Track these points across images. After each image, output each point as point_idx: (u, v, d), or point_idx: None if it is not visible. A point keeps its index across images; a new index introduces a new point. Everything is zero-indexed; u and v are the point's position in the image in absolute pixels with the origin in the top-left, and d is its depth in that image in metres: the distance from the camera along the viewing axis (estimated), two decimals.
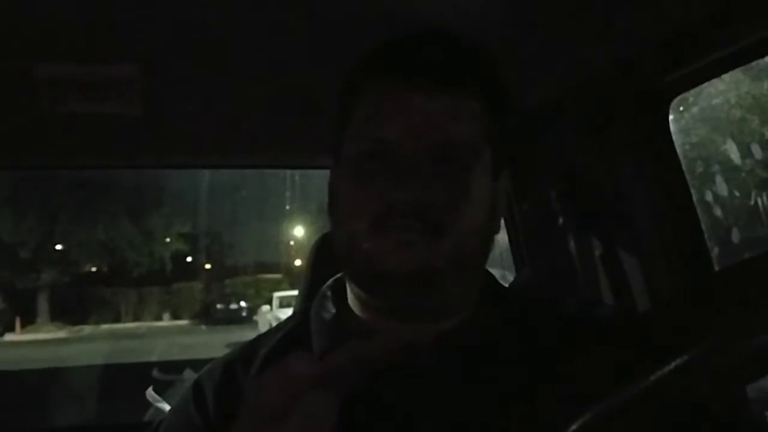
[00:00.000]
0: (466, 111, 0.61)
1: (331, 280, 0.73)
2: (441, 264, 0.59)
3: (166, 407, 2.30)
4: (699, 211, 1.11)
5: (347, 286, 0.68)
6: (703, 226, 1.11)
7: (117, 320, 18.79)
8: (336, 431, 0.45)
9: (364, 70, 0.65)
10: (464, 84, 0.62)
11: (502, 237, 1.65)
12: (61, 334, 16.48)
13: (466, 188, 0.60)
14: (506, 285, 0.78)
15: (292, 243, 20.47)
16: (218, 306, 19.11)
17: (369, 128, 0.62)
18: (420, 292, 0.60)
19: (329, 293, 0.71)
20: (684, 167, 1.12)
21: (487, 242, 0.65)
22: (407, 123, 0.60)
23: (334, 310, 0.68)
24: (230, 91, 1.14)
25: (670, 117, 1.12)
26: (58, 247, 18.68)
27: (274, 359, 0.67)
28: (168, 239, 20.05)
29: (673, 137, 1.12)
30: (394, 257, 0.58)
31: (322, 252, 1.19)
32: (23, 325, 16.88)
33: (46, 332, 16.55)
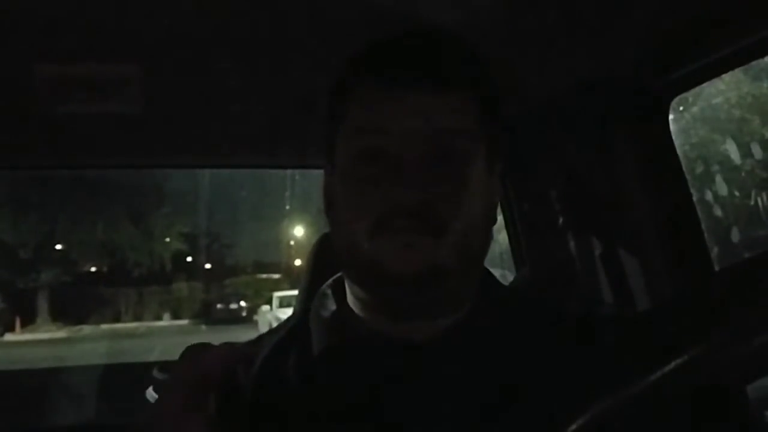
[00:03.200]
0: (459, 107, 0.61)
1: (330, 280, 0.73)
2: (446, 262, 0.59)
3: None
4: (699, 211, 1.12)
5: (346, 285, 0.68)
6: (703, 226, 1.11)
7: (117, 320, 18.77)
8: None
9: (354, 72, 0.64)
10: (455, 80, 0.62)
11: (502, 237, 1.66)
12: (61, 333, 16.47)
13: (465, 184, 0.60)
14: (506, 285, 0.78)
15: (292, 243, 20.45)
16: (218, 306, 19.09)
17: (364, 129, 0.61)
18: (426, 291, 0.59)
19: (329, 292, 0.71)
20: (684, 167, 1.12)
21: (488, 236, 0.66)
22: (403, 122, 0.60)
23: (333, 309, 0.68)
24: (230, 91, 1.13)
25: (670, 117, 1.12)
26: (58, 247, 18.66)
27: (275, 359, 0.67)
28: (168, 239, 20.03)
29: (673, 137, 1.12)
30: (399, 259, 0.58)
31: (322, 252, 1.19)
32: (23, 325, 16.87)
33: (46, 332, 16.54)
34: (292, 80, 1.09)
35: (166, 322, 19.09)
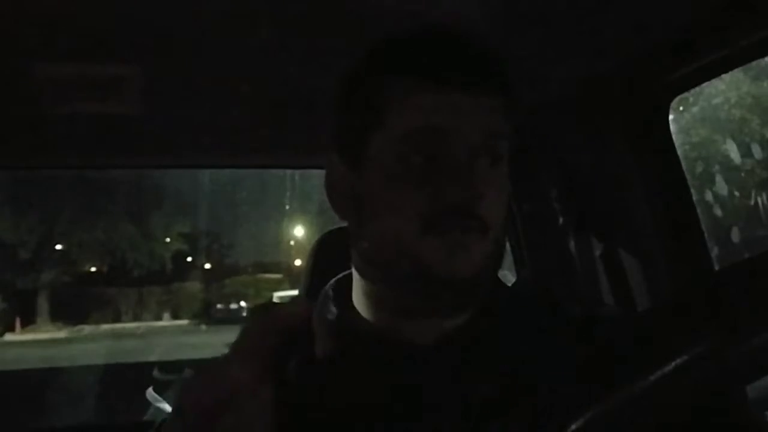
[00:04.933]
0: (500, 108, 0.62)
1: (332, 281, 0.73)
2: (488, 261, 0.60)
3: (166, 407, 2.30)
4: (699, 211, 1.12)
5: (356, 286, 0.68)
6: (703, 226, 1.11)
7: (117, 320, 18.77)
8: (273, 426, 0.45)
9: (393, 70, 0.63)
10: (498, 82, 0.63)
11: None
12: (61, 334, 16.46)
13: (503, 185, 0.62)
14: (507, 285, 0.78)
15: (292, 243, 20.44)
16: (218, 306, 19.09)
17: (414, 129, 0.60)
18: (471, 292, 0.60)
19: (331, 294, 0.71)
20: (684, 167, 1.13)
21: (506, 235, 0.67)
22: (456, 122, 0.60)
23: (337, 311, 0.68)
24: (230, 91, 1.13)
25: (670, 117, 1.12)
26: (58, 247, 18.66)
27: (275, 361, 0.67)
28: (168, 239, 20.03)
29: (673, 137, 1.12)
30: (451, 261, 0.58)
31: (322, 252, 1.19)
32: (23, 325, 16.86)
33: (46, 332, 16.53)
34: (293, 80, 1.09)
35: (166, 322, 19.09)
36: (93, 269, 20.05)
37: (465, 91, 0.60)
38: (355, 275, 0.68)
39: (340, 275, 0.72)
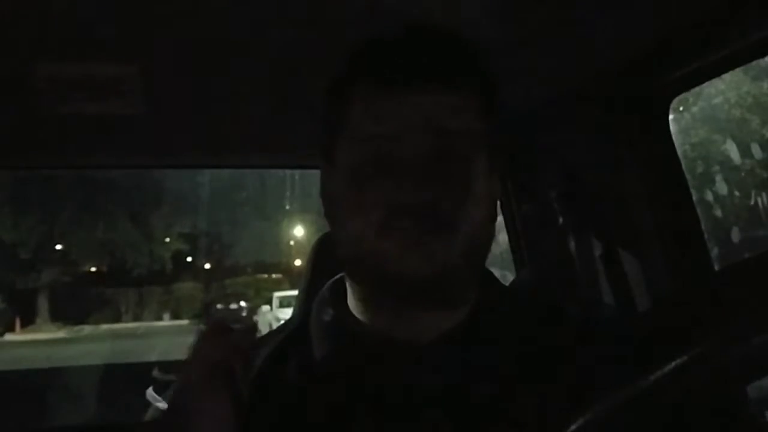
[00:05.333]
0: (461, 106, 0.61)
1: (329, 282, 0.73)
2: (454, 260, 0.59)
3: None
4: (699, 211, 1.12)
5: (348, 287, 0.68)
6: (703, 226, 1.11)
7: (117, 320, 18.77)
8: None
9: (353, 72, 0.64)
10: (456, 80, 0.62)
11: (502, 237, 1.66)
12: (61, 334, 16.46)
13: (469, 183, 0.61)
14: (506, 285, 0.78)
15: (292, 243, 20.44)
16: (218, 306, 19.08)
17: (367, 130, 0.61)
18: (437, 290, 0.60)
19: (327, 295, 0.71)
20: (684, 167, 1.13)
21: (491, 234, 0.66)
22: (407, 122, 0.60)
23: (333, 313, 0.68)
24: (230, 91, 1.13)
25: (670, 117, 1.12)
26: (58, 247, 18.65)
27: (274, 363, 0.67)
28: (168, 239, 20.03)
29: (673, 137, 1.12)
30: (408, 259, 0.58)
31: (322, 252, 1.19)
32: (23, 325, 16.86)
33: (46, 332, 16.52)
34: (292, 80, 1.09)
35: (166, 322, 19.08)
36: (93, 269, 20.04)
37: (415, 89, 0.60)
38: (347, 277, 0.68)
39: (337, 277, 0.72)
